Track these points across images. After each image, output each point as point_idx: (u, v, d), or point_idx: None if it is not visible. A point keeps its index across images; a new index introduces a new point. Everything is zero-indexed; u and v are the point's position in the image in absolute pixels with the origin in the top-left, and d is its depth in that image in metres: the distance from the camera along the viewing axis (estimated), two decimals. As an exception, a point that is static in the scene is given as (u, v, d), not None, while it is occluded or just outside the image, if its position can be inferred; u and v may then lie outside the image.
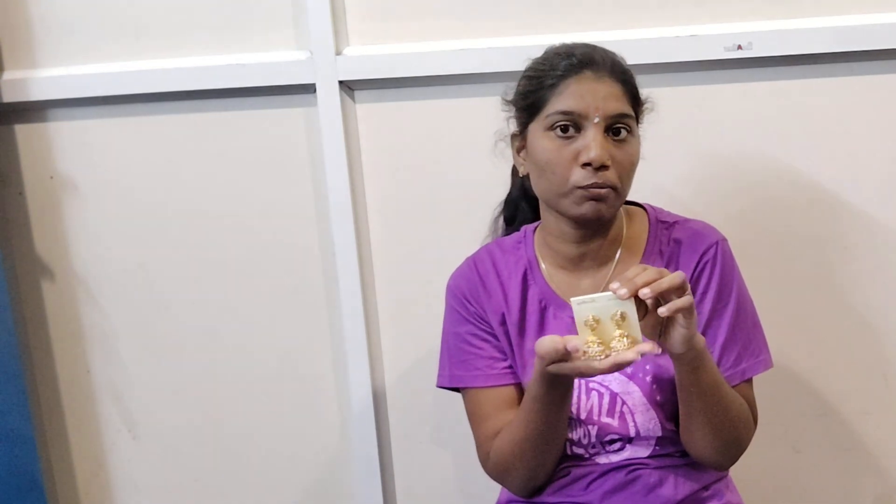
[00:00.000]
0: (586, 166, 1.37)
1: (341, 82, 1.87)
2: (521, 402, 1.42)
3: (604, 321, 1.23)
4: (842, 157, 1.83)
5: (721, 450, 1.41)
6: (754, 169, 1.85)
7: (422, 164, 1.92)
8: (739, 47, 1.77)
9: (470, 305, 1.52)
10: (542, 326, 1.49)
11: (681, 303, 1.22)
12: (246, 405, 2.05)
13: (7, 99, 1.93)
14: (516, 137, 1.49)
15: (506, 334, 1.50)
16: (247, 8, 1.90)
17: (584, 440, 1.47)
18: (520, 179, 1.60)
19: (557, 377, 1.31)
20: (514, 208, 1.66)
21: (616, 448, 1.47)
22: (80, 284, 2.03)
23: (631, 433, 1.45)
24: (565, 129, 1.38)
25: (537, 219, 1.55)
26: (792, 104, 1.82)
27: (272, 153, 1.95)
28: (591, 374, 1.25)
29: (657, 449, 1.46)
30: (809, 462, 1.94)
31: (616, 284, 1.22)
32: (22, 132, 1.98)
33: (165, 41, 1.92)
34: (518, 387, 1.50)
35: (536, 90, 1.42)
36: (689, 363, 1.31)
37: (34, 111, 1.97)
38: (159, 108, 1.95)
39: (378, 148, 1.93)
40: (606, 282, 1.46)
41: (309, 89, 1.88)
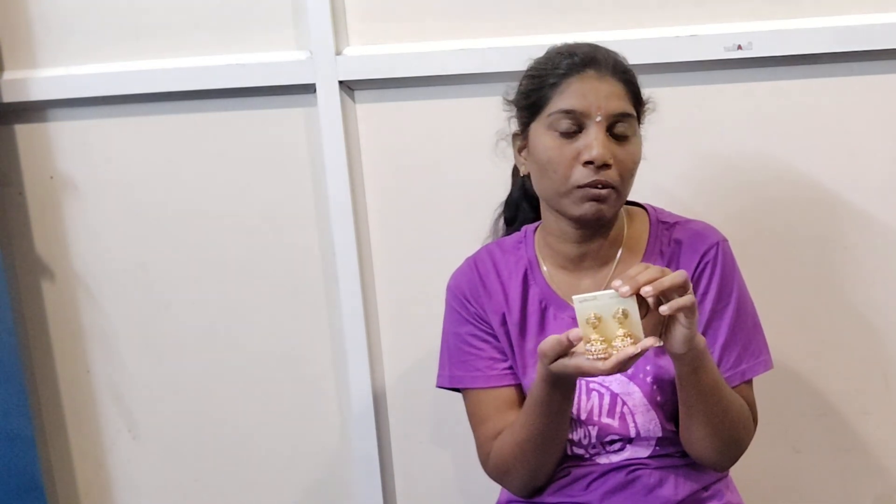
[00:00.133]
0: (588, 165, 1.37)
1: (341, 82, 1.87)
2: (524, 404, 1.42)
3: (605, 319, 1.23)
4: (842, 157, 1.83)
5: (721, 450, 1.41)
6: (754, 169, 1.85)
7: (422, 164, 1.92)
8: (739, 47, 1.77)
9: (470, 306, 1.52)
10: (543, 327, 1.48)
11: (682, 301, 1.22)
12: (246, 405, 2.05)
13: (7, 99, 1.93)
14: (518, 137, 1.49)
15: (506, 335, 1.50)
16: (247, 8, 1.90)
17: (585, 441, 1.47)
18: (521, 180, 1.60)
19: (560, 378, 1.31)
20: (515, 209, 1.66)
21: (616, 448, 1.47)
22: (80, 284, 2.03)
23: (631, 434, 1.45)
24: (567, 128, 1.38)
25: (538, 219, 1.55)
26: (792, 104, 1.82)
27: (272, 153, 1.95)
28: (594, 374, 1.24)
29: (657, 449, 1.46)
30: (809, 462, 1.94)
31: (618, 282, 1.22)
32: (22, 132, 1.98)
33: (165, 41, 1.92)
34: (518, 387, 1.50)
35: (538, 89, 1.42)
36: (690, 363, 1.31)
37: (34, 111, 1.97)
38: (159, 108, 1.95)
39: (378, 148, 1.93)
40: (607, 282, 1.45)
41: (309, 89, 1.88)
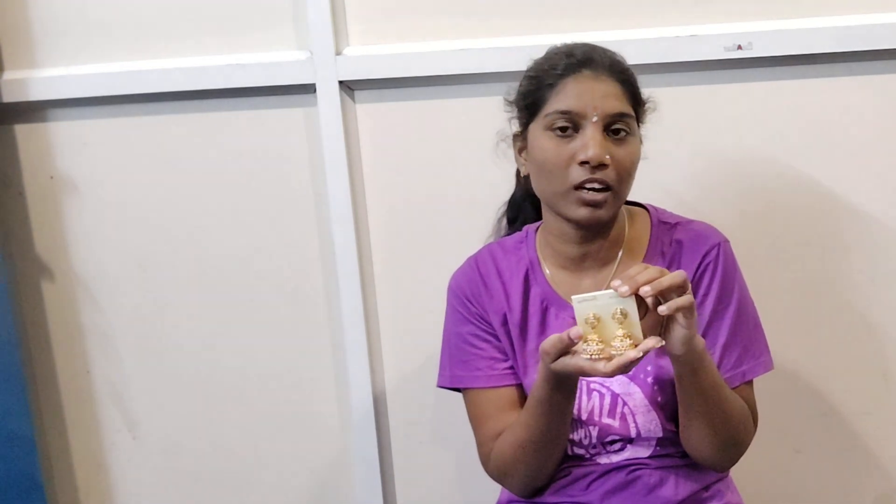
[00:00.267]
0: (584, 165, 1.37)
1: (341, 82, 1.86)
2: (525, 405, 1.42)
3: (605, 319, 1.23)
4: (842, 157, 1.83)
5: (720, 451, 1.41)
6: (754, 169, 1.85)
7: (422, 164, 1.92)
8: (739, 47, 1.77)
9: (471, 305, 1.52)
10: (544, 327, 1.48)
11: (681, 301, 1.22)
12: (246, 406, 2.05)
13: (7, 99, 1.93)
14: (517, 138, 1.49)
15: (507, 334, 1.50)
16: (247, 8, 1.89)
17: (585, 441, 1.47)
18: (524, 180, 1.60)
19: (561, 378, 1.31)
20: (517, 209, 1.66)
21: (617, 448, 1.47)
22: (80, 284, 2.03)
23: (632, 434, 1.45)
24: (564, 129, 1.38)
25: (540, 219, 1.55)
26: (792, 104, 1.82)
27: (272, 153, 1.95)
28: (595, 375, 1.24)
29: (658, 449, 1.46)
30: (809, 462, 1.94)
31: (617, 282, 1.22)
32: (22, 132, 1.98)
33: (165, 41, 1.92)
34: (519, 387, 1.50)
35: (536, 90, 1.42)
36: (689, 365, 1.31)
37: (34, 111, 1.97)
38: (159, 108, 1.95)
39: (378, 148, 1.92)
40: (608, 282, 1.45)
41: (309, 89, 1.88)
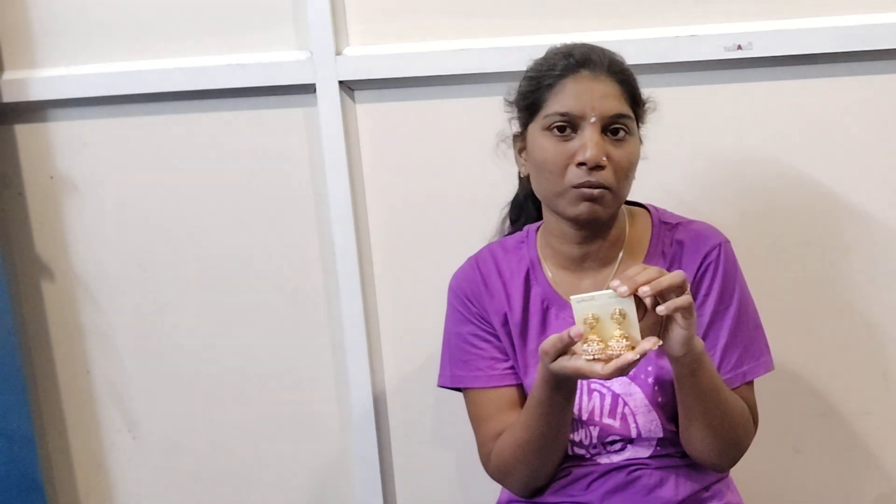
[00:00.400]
0: (581, 166, 1.37)
1: (341, 82, 1.86)
2: (525, 405, 1.42)
3: (603, 319, 1.23)
4: (842, 157, 1.83)
5: (720, 452, 1.41)
6: (754, 169, 1.85)
7: (422, 164, 1.92)
8: (739, 47, 1.77)
9: (472, 305, 1.52)
10: (545, 327, 1.48)
11: (680, 301, 1.22)
12: (246, 406, 2.05)
13: (7, 99, 1.93)
14: (517, 138, 1.49)
15: (508, 335, 1.50)
16: (247, 8, 1.89)
17: (586, 441, 1.47)
18: (525, 180, 1.60)
19: (561, 380, 1.31)
20: (520, 209, 1.66)
21: (617, 448, 1.47)
22: (80, 284, 2.03)
23: (632, 434, 1.45)
24: (562, 129, 1.38)
25: (541, 219, 1.54)
26: (792, 104, 1.82)
27: (272, 153, 1.95)
28: (593, 378, 1.24)
29: (658, 449, 1.46)
30: (809, 462, 1.94)
31: (616, 282, 1.22)
32: (22, 132, 1.98)
33: (165, 41, 1.92)
34: (520, 387, 1.50)
35: (535, 90, 1.42)
36: (688, 366, 1.31)
37: (34, 111, 1.97)
38: (159, 108, 1.95)
39: (378, 148, 1.92)
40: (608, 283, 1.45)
41: (309, 89, 1.88)
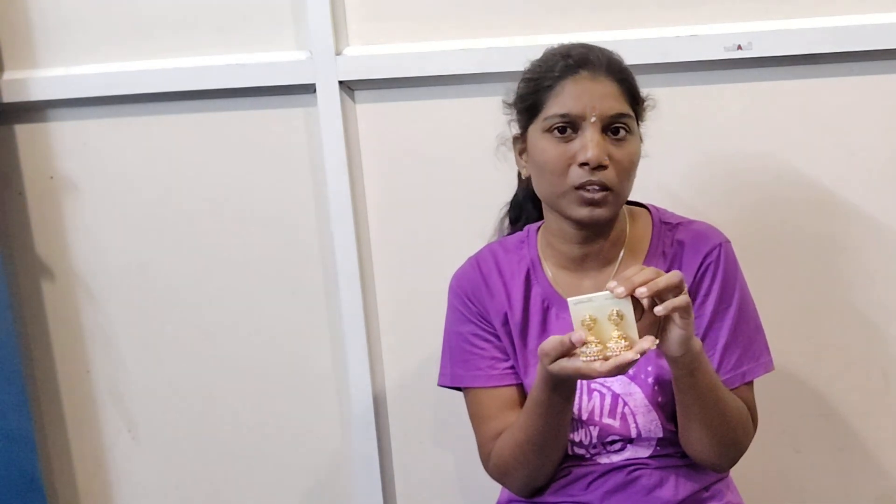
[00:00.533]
0: (583, 166, 1.37)
1: (341, 82, 1.86)
2: (524, 406, 1.42)
3: (601, 321, 1.23)
4: (842, 157, 1.83)
5: (719, 452, 1.41)
6: (754, 169, 1.85)
7: (422, 164, 1.92)
8: (739, 47, 1.76)
9: (472, 305, 1.52)
10: (545, 327, 1.48)
11: (677, 302, 1.22)
12: (246, 405, 2.05)
13: (7, 99, 1.93)
14: (518, 140, 1.49)
15: (508, 334, 1.50)
16: (247, 8, 1.89)
17: (586, 441, 1.47)
18: (526, 181, 1.60)
19: (560, 381, 1.31)
20: (520, 209, 1.66)
21: (617, 448, 1.47)
22: (80, 284, 2.03)
23: (632, 434, 1.45)
24: (563, 131, 1.38)
25: (541, 219, 1.54)
26: (792, 104, 1.82)
27: (272, 153, 1.95)
28: (592, 377, 1.24)
29: (658, 449, 1.46)
30: (809, 462, 1.94)
31: (613, 283, 1.22)
32: (22, 132, 1.98)
33: (165, 41, 1.92)
34: (520, 387, 1.50)
35: (534, 92, 1.42)
36: (687, 366, 1.31)
37: (34, 111, 1.97)
38: (159, 108, 1.95)
39: (378, 148, 1.92)
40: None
41: (309, 89, 1.88)
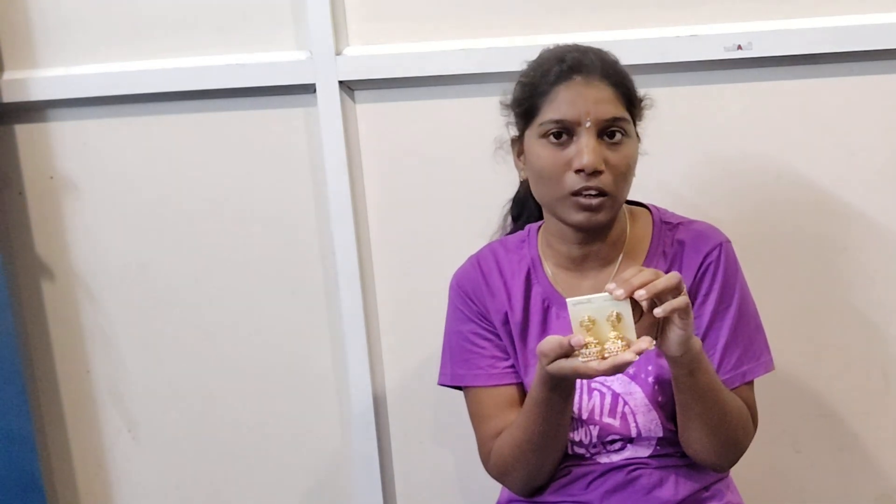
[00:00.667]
0: (580, 172, 1.36)
1: (341, 82, 1.86)
2: (523, 405, 1.42)
3: (599, 322, 1.23)
4: (842, 157, 1.83)
5: (719, 452, 1.41)
6: (754, 169, 1.85)
7: (422, 164, 1.92)
8: (739, 47, 1.76)
9: (473, 304, 1.52)
10: (545, 326, 1.48)
11: (676, 303, 1.22)
12: (246, 405, 2.05)
13: (7, 99, 1.93)
14: (515, 143, 1.49)
15: (508, 334, 1.50)
16: (247, 8, 1.89)
17: (586, 440, 1.47)
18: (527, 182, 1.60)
19: (559, 380, 1.31)
20: (522, 206, 1.66)
21: (617, 448, 1.47)
22: (80, 284, 2.03)
23: (632, 433, 1.45)
24: (558, 136, 1.38)
25: (542, 217, 1.54)
26: (792, 104, 1.82)
27: (272, 153, 1.95)
28: (590, 376, 1.24)
29: (658, 449, 1.46)
30: (809, 462, 1.94)
31: (612, 285, 1.22)
32: (22, 132, 1.98)
33: (165, 41, 1.92)
34: (520, 386, 1.50)
35: (530, 97, 1.41)
36: (686, 366, 1.31)
37: (34, 111, 1.97)
38: (159, 108, 1.95)
39: (378, 148, 1.92)
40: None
41: (309, 89, 1.88)
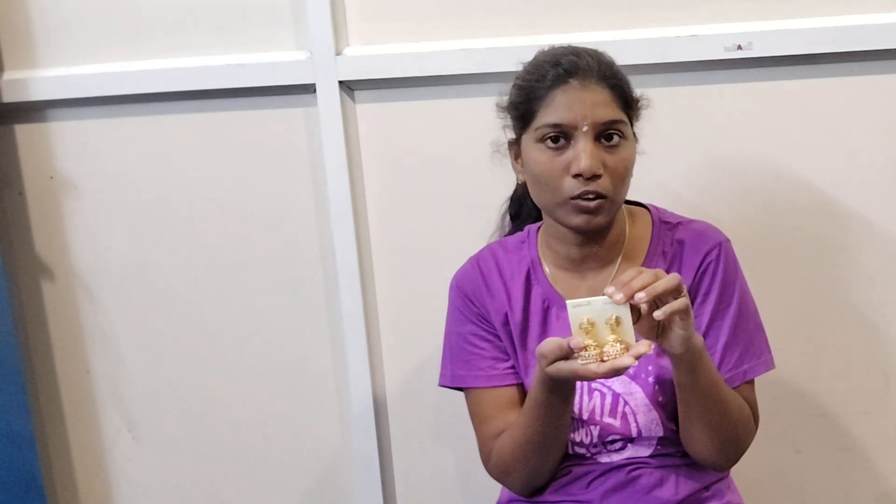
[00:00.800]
0: (578, 176, 1.36)
1: (341, 82, 1.86)
2: (523, 406, 1.42)
3: (598, 325, 1.23)
4: (842, 157, 1.83)
5: (720, 450, 1.41)
6: (754, 169, 1.85)
7: (422, 164, 1.92)
8: (739, 47, 1.76)
9: (473, 305, 1.52)
10: (545, 327, 1.48)
11: (676, 305, 1.22)
12: (246, 405, 2.05)
13: (7, 99, 1.93)
14: (512, 145, 1.49)
15: (508, 334, 1.50)
16: (247, 8, 1.89)
17: (586, 440, 1.47)
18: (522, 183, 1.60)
19: (558, 382, 1.31)
20: (520, 205, 1.66)
21: (617, 448, 1.47)
22: (80, 284, 2.03)
23: (633, 433, 1.45)
24: (556, 140, 1.38)
25: (541, 217, 1.54)
26: (792, 104, 1.82)
27: (272, 153, 1.95)
28: (589, 379, 1.24)
29: (658, 449, 1.46)
30: (809, 462, 1.94)
31: (611, 289, 1.22)
32: (22, 132, 1.98)
33: (165, 41, 1.92)
34: (520, 387, 1.50)
35: (526, 101, 1.41)
36: (688, 364, 1.31)
37: (34, 111, 1.97)
38: (159, 108, 1.95)
39: (378, 148, 1.92)
40: (609, 284, 1.45)
41: (309, 89, 1.88)
